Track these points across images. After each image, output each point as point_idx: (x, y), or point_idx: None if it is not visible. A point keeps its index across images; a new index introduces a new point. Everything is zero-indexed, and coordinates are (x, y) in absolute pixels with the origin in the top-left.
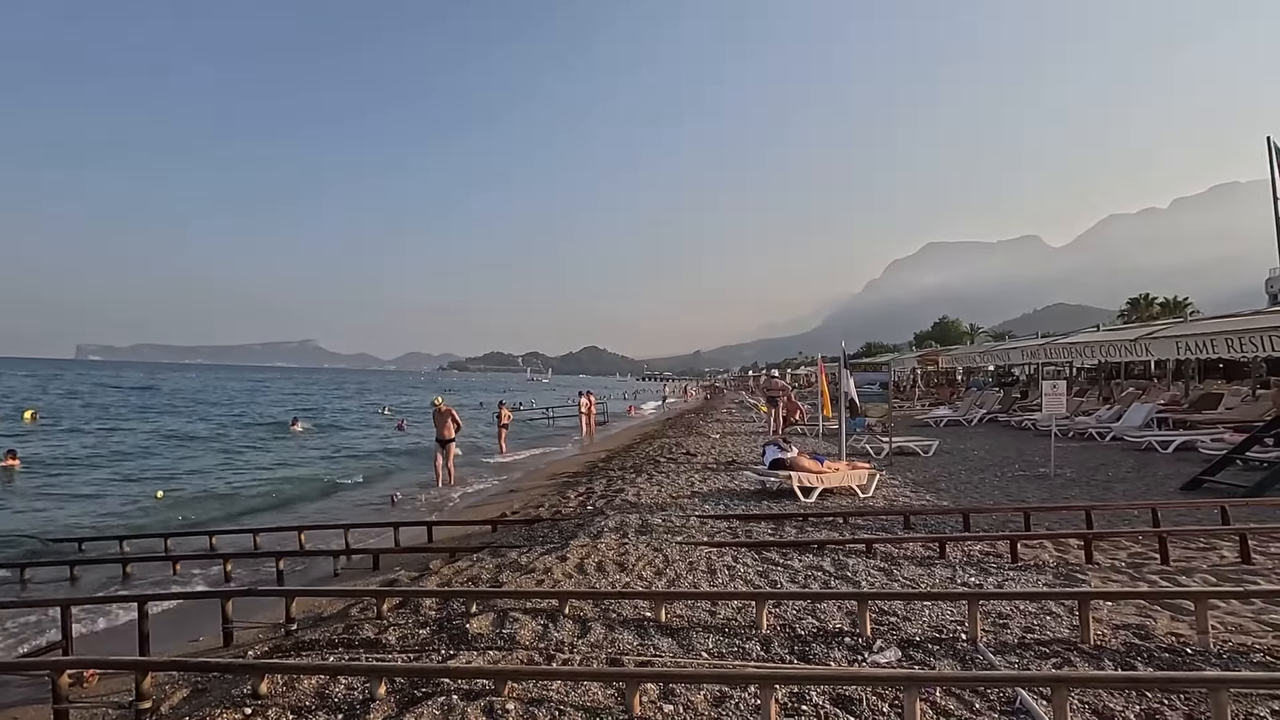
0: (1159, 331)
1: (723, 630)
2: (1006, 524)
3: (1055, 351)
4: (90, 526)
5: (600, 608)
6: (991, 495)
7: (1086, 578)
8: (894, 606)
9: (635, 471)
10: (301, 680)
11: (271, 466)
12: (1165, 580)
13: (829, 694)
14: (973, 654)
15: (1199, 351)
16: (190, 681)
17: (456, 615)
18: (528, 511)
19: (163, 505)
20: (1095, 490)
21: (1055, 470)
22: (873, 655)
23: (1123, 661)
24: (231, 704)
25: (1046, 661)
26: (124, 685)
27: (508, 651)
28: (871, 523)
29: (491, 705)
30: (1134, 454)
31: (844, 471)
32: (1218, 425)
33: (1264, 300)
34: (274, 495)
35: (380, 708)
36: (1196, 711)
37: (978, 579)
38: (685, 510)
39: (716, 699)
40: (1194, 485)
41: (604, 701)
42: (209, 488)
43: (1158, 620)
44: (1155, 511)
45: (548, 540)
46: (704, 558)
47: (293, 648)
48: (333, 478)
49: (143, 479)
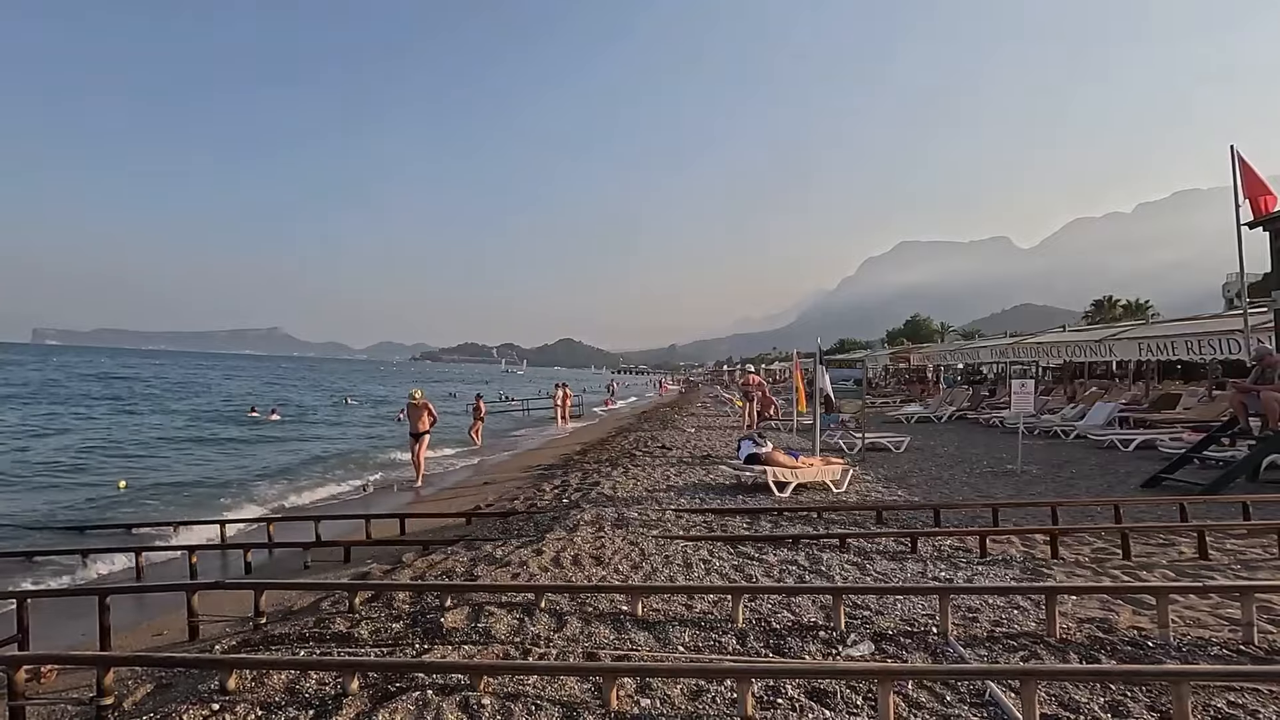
0: (1122, 333)
1: (699, 624)
2: (976, 519)
3: (1023, 351)
4: (48, 516)
5: (577, 601)
6: (961, 491)
7: (1052, 572)
8: (867, 601)
9: (611, 465)
10: (271, 675)
11: (240, 457)
12: (1127, 575)
13: (804, 687)
14: (944, 647)
15: (1159, 353)
16: (154, 677)
17: (431, 609)
18: (502, 504)
19: (125, 495)
20: (1060, 487)
21: (1022, 467)
22: (847, 649)
23: (1088, 655)
24: (198, 699)
25: (1015, 654)
26: (84, 681)
27: (483, 646)
28: (845, 518)
29: (467, 700)
30: (1097, 452)
31: (818, 467)
32: (1176, 425)
33: (1221, 304)
34: (242, 486)
35: (353, 703)
36: (1159, 703)
37: (948, 573)
38: (661, 504)
39: (694, 692)
40: (1154, 483)
41: (580, 696)
42: (174, 478)
43: (1120, 614)
44: (1118, 508)
45: (523, 533)
46: (680, 552)
47: (262, 642)
48: (303, 467)
49: (104, 469)
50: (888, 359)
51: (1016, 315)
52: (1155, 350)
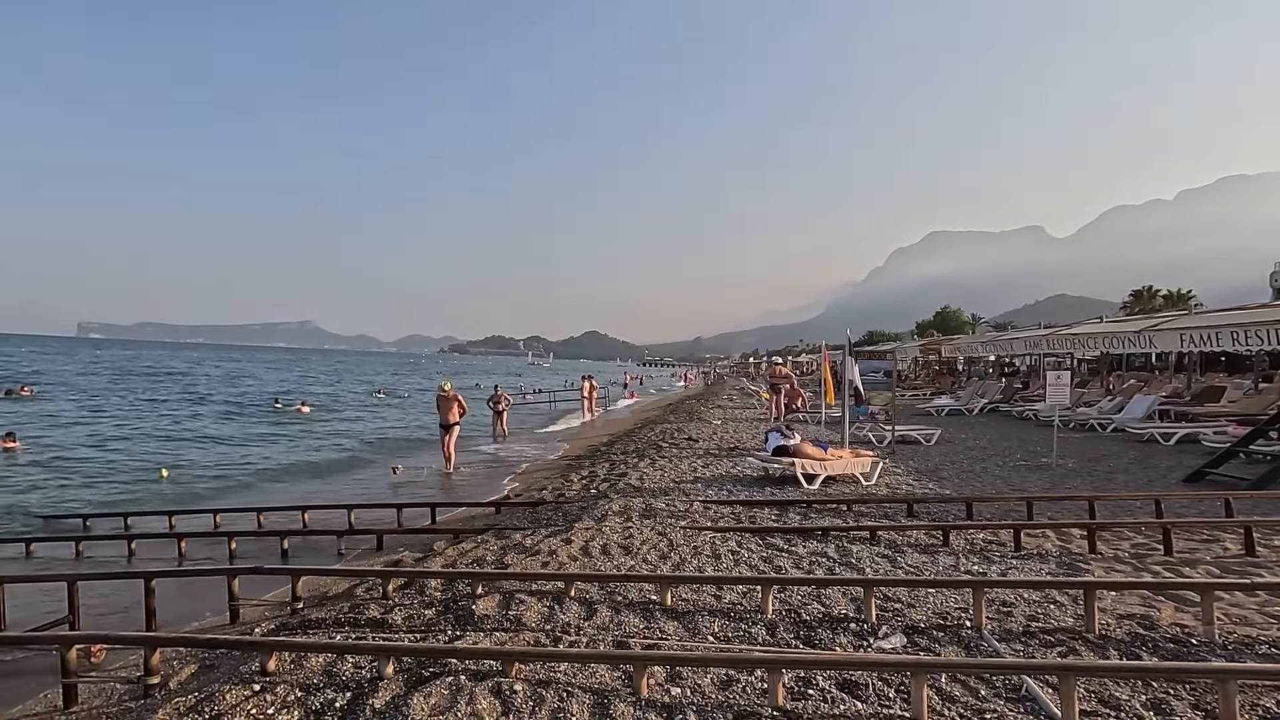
0: (1162, 324)
1: (728, 614)
2: (1009, 513)
3: (1058, 342)
4: (96, 504)
5: (606, 590)
6: (994, 484)
7: (1090, 567)
8: (898, 593)
9: (638, 456)
10: (309, 658)
11: (276, 447)
12: (1169, 571)
13: (835, 678)
14: (978, 641)
15: (1202, 344)
16: (198, 657)
17: (462, 596)
18: (531, 494)
19: (168, 484)
20: (1098, 481)
21: (1057, 460)
22: (878, 641)
23: (1128, 651)
24: (240, 680)
25: (1052, 650)
26: (131, 660)
27: (514, 633)
28: (875, 510)
29: (499, 686)
30: (1136, 446)
31: (847, 459)
32: (1220, 418)
33: (1269, 294)
34: (278, 475)
35: (388, 687)
36: (1203, 701)
37: (981, 567)
38: (689, 495)
39: (724, 682)
40: (1197, 478)
41: (611, 683)
42: (214, 467)
43: (1162, 611)
44: (1159, 502)
45: (552, 523)
46: (708, 542)
47: (299, 625)
48: (336, 457)
49: (148, 458)
50: (917, 351)
51: (1050, 306)
52: (1198, 341)
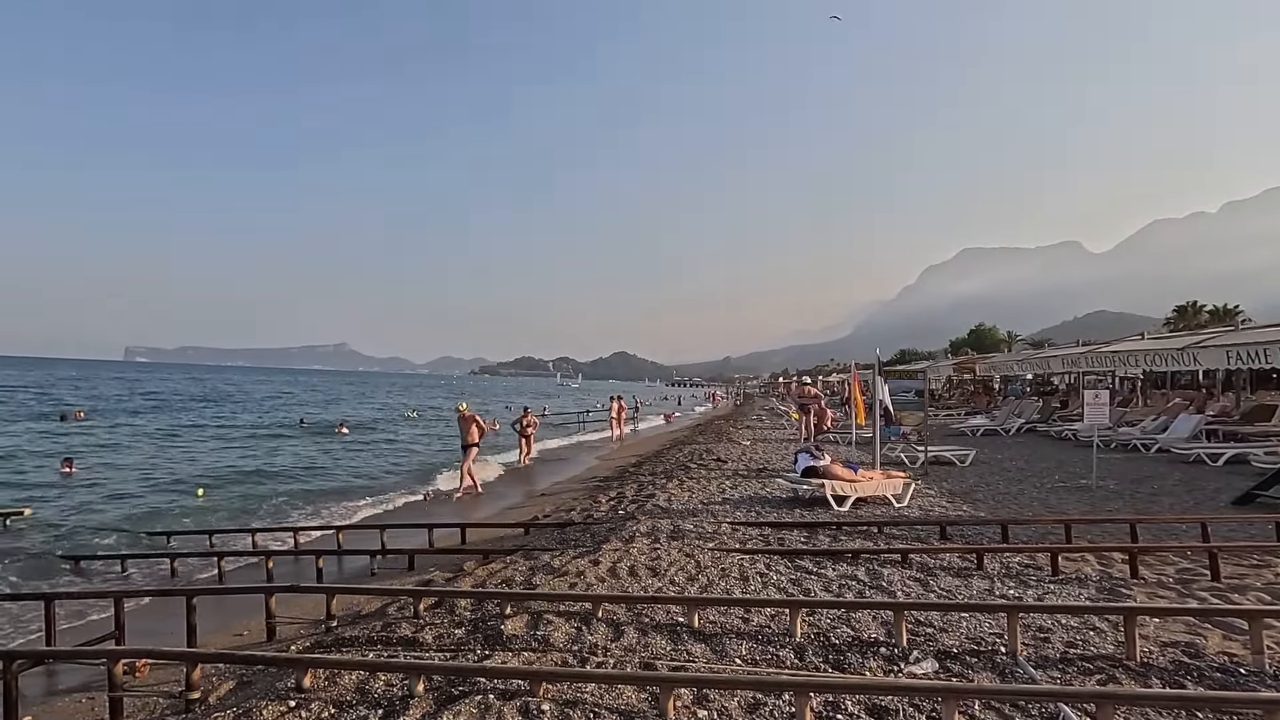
0: (1208, 340)
1: (756, 637)
2: (1047, 536)
3: (1097, 360)
4: (139, 522)
5: (633, 612)
6: (1030, 507)
7: (1131, 593)
8: (930, 617)
9: (666, 477)
10: (343, 675)
11: (313, 467)
12: (1216, 598)
13: (864, 704)
14: (1012, 667)
15: (1251, 361)
16: (236, 674)
17: (491, 616)
18: (559, 515)
19: (205, 503)
20: (1140, 503)
21: (1097, 482)
22: (909, 666)
23: (1171, 680)
24: (276, 696)
25: (1090, 678)
26: (174, 676)
27: (542, 653)
28: (907, 532)
29: (527, 705)
30: (1181, 466)
31: (878, 480)
32: (1271, 438)
33: None
34: (313, 496)
35: (419, 704)
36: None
37: (1017, 591)
38: (716, 516)
39: (751, 705)
40: (1246, 500)
41: (638, 705)
42: (249, 488)
43: (1209, 639)
44: (1205, 526)
45: (580, 544)
46: (736, 564)
47: (333, 643)
48: (372, 477)
49: (187, 479)
50: (951, 370)
51: (1089, 323)
52: (1247, 358)
